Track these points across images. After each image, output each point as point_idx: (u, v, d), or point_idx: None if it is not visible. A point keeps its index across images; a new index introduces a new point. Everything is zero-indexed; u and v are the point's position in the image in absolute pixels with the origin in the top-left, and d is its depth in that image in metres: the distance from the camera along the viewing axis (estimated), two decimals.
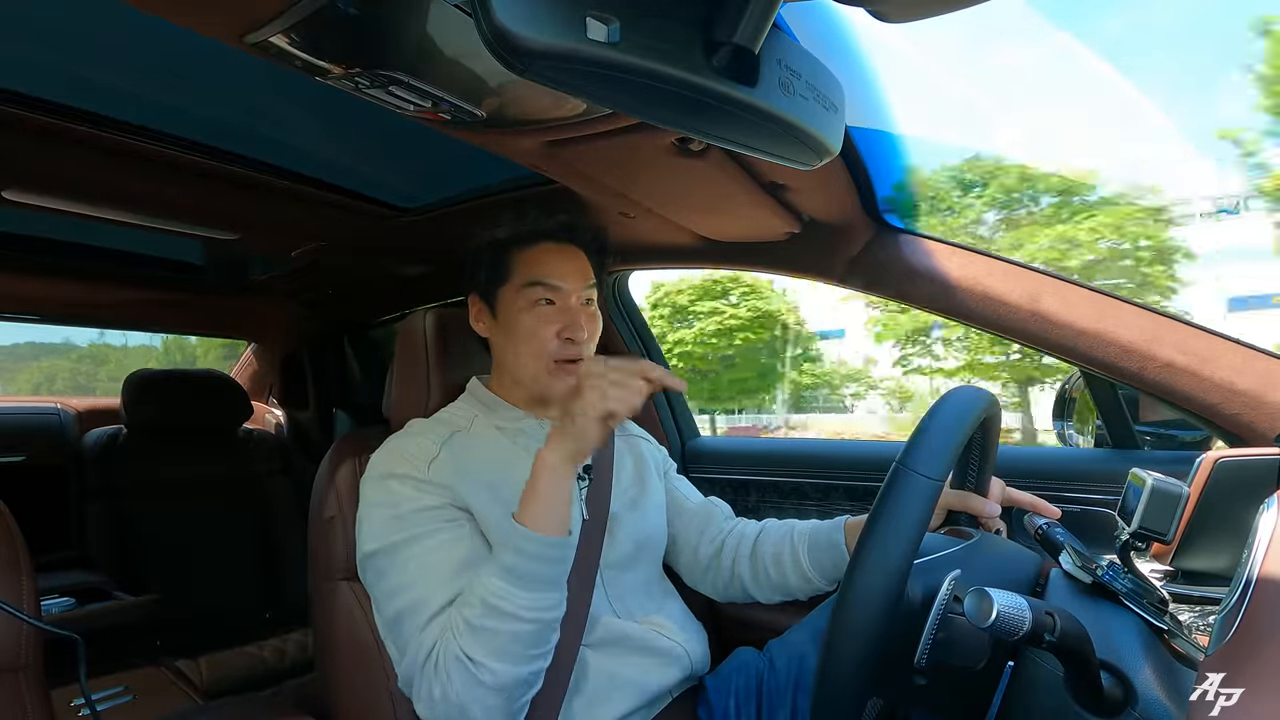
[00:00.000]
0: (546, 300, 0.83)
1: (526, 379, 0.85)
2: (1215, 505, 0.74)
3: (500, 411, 0.87)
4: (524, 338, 0.83)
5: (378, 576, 0.75)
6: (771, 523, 0.95)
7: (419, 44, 0.53)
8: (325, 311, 2.00)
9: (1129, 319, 0.87)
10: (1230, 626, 0.47)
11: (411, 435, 0.83)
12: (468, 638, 0.66)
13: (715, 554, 0.95)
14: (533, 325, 0.83)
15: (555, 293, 0.83)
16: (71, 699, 1.07)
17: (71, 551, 1.71)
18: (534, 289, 0.83)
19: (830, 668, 0.48)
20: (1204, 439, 0.98)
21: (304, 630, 1.71)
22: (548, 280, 0.83)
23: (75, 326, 2.01)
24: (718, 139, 0.45)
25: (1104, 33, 25.28)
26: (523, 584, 0.66)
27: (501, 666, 0.65)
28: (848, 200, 0.94)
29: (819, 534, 0.87)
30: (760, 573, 0.90)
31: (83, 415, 1.97)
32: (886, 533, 0.50)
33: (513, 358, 0.85)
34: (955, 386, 0.62)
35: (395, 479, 0.77)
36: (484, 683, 0.65)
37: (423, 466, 0.77)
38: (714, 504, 1.01)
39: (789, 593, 0.89)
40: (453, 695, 0.66)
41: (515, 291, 0.84)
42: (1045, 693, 0.51)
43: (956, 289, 0.94)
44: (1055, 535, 0.69)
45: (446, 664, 0.66)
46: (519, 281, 0.84)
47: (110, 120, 0.85)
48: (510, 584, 0.66)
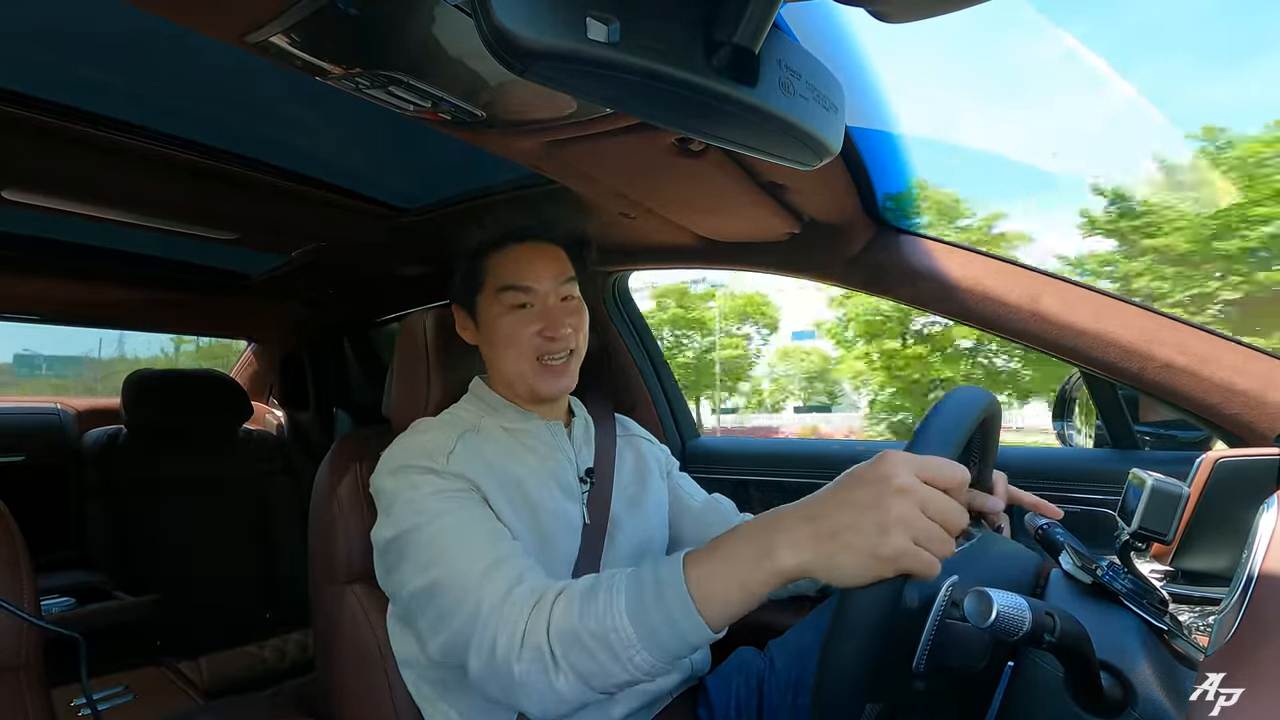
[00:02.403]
0: (522, 303, 0.82)
1: (515, 381, 0.85)
2: (1215, 505, 0.74)
3: (504, 412, 0.87)
4: (505, 342, 0.82)
5: (399, 559, 0.72)
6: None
7: (419, 44, 0.53)
8: (325, 311, 2.00)
9: (1129, 319, 0.87)
10: (1230, 626, 0.47)
11: (423, 431, 0.81)
12: (567, 642, 0.58)
13: None
14: (511, 329, 0.82)
15: (529, 294, 0.82)
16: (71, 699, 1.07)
17: (71, 551, 1.71)
18: (507, 293, 0.82)
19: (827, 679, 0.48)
20: (1204, 439, 0.98)
21: (304, 630, 1.71)
22: (519, 283, 0.82)
23: (76, 327, 2.01)
24: (718, 139, 0.45)
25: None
26: (656, 651, 0.55)
27: (577, 684, 0.58)
28: (848, 200, 0.94)
29: None
30: None
31: (83, 415, 1.97)
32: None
33: (500, 363, 0.84)
34: (951, 390, 0.62)
35: (414, 470, 0.75)
36: (553, 683, 0.58)
37: (441, 459, 0.75)
38: (718, 501, 1.01)
39: (797, 587, 0.90)
40: (517, 669, 0.59)
41: (491, 297, 0.83)
42: (1045, 693, 0.51)
43: (956, 289, 0.94)
44: (1055, 535, 0.69)
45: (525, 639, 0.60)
46: (493, 287, 0.83)
47: (110, 120, 0.85)
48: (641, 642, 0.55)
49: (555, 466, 0.85)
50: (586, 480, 0.87)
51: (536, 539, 0.78)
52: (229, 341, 2.60)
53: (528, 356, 0.82)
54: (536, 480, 0.82)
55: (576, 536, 0.82)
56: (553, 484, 0.83)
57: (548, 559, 0.78)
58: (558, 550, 0.80)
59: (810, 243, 1.04)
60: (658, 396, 1.42)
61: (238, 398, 1.95)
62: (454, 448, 0.77)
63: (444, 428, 0.81)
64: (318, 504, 0.89)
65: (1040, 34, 15.56)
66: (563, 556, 0.80)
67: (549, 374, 0.83)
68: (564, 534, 0.81)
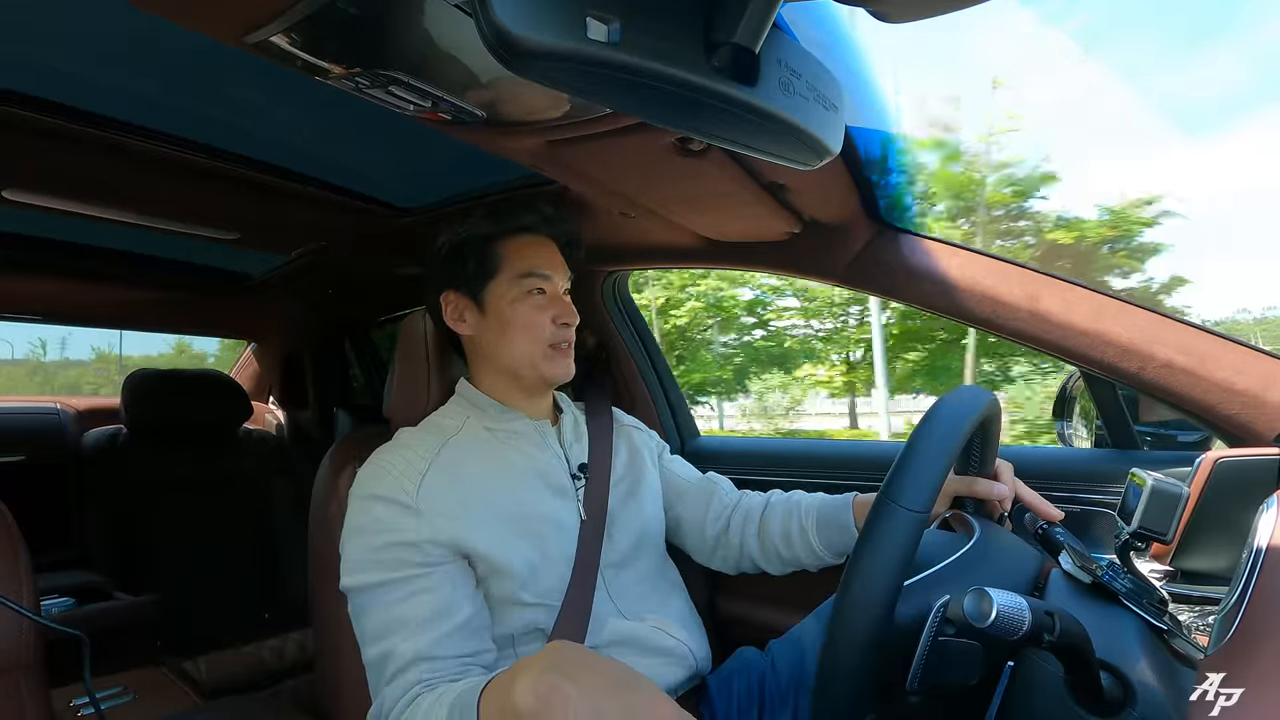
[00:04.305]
0: (539, 290, 0.85)
1: (524, 367, 0.85)
2: (1215, 505, 0.74)
3: (490, 412, 0.86)
4: (521, 327, 0.84)
5: (357, 613, 0.74)
6: (776, 496, 0.96)
7: (419, 44, 0.53)
8: (325, 311, 2.00)
9: (1128, 319, 0.87)
10: (1230, 626, 0.47)
11: (399, 448, 0.80)
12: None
13: (722, 532, 0.96)
14: (529, 314, 0.84)
15: (546, 282, 0.86)
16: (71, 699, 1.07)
17: (71, 551, 1.71)
18: (528, 279, 0.85)
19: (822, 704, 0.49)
20: (1204, 439, 0.98)
21: (304, 630, 1.71)
22: (540, 270, 0.86)
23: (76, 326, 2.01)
24: (718, 139, 0.45)
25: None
26: None
27: None
28: (848, 200, 0.94)
29: (827, 513, 0.89)
30: (769, 549, 0.92)
31: (83, 415, 1.96)
32: (869, 569, 0.51)
33: (508, 349, 0.85)
34: (947, 393, 0.62)
35: (380, 501, 0.74)
36: None
37: (411, 489, 0.74)
38: (714, 480, 1.01)
39: (799, 566, 0.92)
40: None
41: (508, 283, 0.85)
42: (1045, 693, 0.51)
43: (956, 289, 0.95)
44: (1055, 535, 0.69)
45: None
46: (512, 273, 0.85)
47: (110, 120, 0.85)
48: None
49: (543, 467, 0.84)
50: (580, 476, 0.87)
51: (528, 543, 0.78)
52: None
53: (542, 342, 0.84)
54: (523, 484, 0.82)
55: (573, 535, 0.82)
56: (540, 485, 0.83)
57: (544, 562, 0.78)
58: (554, 551, 0.80)
59: (810, 242, 1.04)
60: (658, 396, 1.42)
61: (237, 398, 1.95)
62: (427, 471, 0.76)
63: (421, 442, 0.80)
64: (318, 504, 0.89)
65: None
66: (560, 557, 0.80)
67: (561, 357, 0.86)
68: (557, 534, 0.81)
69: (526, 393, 0.88)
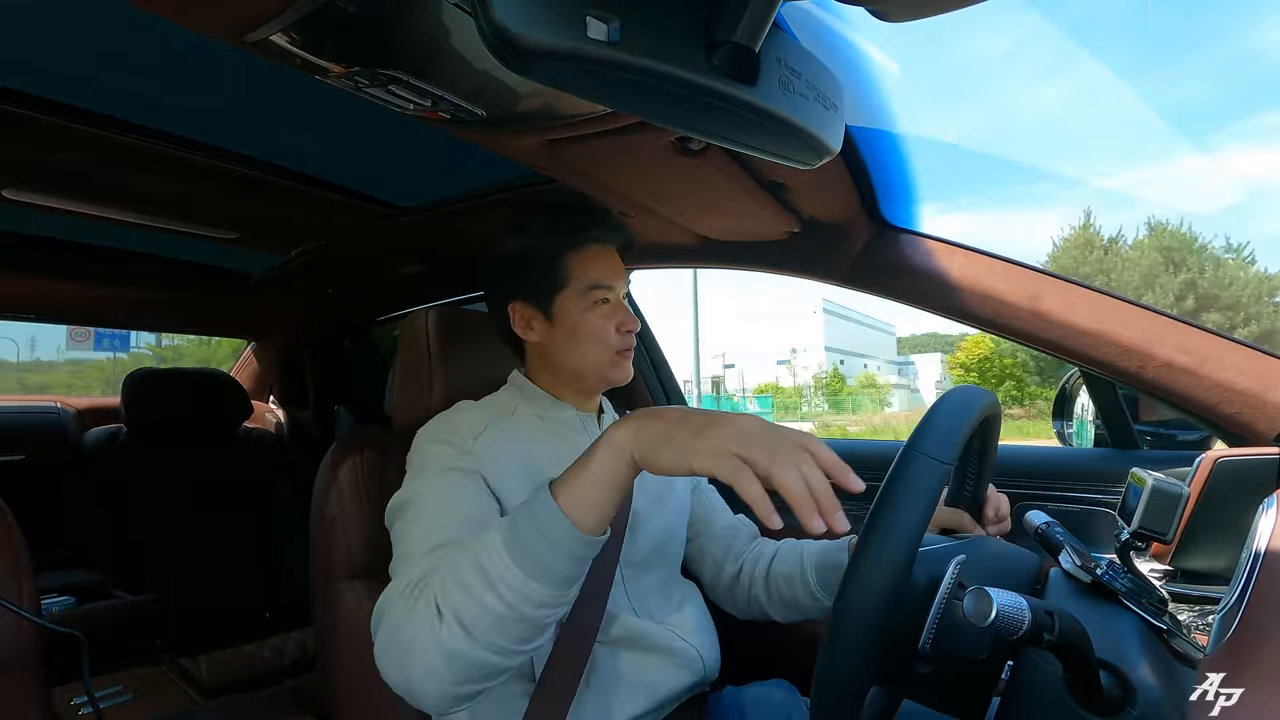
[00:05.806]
0: (604, 300, 0.87)
1: (590, 373, 0.87)
2: (1215, 505, 0.74)
3: (542, 402, 0.89)
4: (590, 337, 0.86)
5: (394, 516, 0.73)
6: (787, 543, 0.96)
7: (419, 43, 0.53)
8: (325, 311, 2.00)
9: (1129, 319, 0.87)
10: (1230, 626, 0.47)
11: (459, 412, 0.85)
12: (450, 589, 0.57)
13: (737, 575, 0.96)
14: (598, 324, 0.86)
15: (610, 291, 0.87)
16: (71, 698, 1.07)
17: (71, 550, 1.71)
18: (596, 291, 0.86)
19: (834, 649, 0.47)
20: (1204, 439, 0.98)
21: (304, 630, 1.71)
22: (605, 282, 0.86)
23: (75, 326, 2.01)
24: (718, 138, 0.45)
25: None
26: (530, 568, 0.55)
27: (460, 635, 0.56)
28: (848, 200, 0.94)
29: (826, 554, 0.88)
30: (774, 593, 0.92)
31: (83, 414, 1.97)
32: (893, 514, 0.49)
33: (577, 356, 0.86)
34: (955, 386, 0.62)
35: (438, 443, 0.78)
36: (440, 640, 0.56)
37: (468, 437, 0.79)
38: (742, 523, 1.01)
39: (802, 612, 0.91)
40: (404, 633, 0.58)
41: (578, 295, 0.85)
42: (1045, 692, 0.51)
43: (957, 289, 0.94)
44: (1055, 535, 0.69)
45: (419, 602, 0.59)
46: (581, 285, 0.85)
47: (110, 119, 0.85)
48: (514, 560, 0.55)
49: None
50: None
51: None
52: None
53: (610, 349, 0.86)
54: (561, 466, 0.82)
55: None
56: None
57: None
58: None
59: (810, 242, 1.04)
60: (658, 397, 1.42)
61: (238, 397, 1.95)
62: (484, 429, 0.81)
63: (482, 410, 0.85)
64: (318, 503, 0.89)
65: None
66: None
67: (624, 361, 0.88)
68: None
69: (584, 393, 0.90)
